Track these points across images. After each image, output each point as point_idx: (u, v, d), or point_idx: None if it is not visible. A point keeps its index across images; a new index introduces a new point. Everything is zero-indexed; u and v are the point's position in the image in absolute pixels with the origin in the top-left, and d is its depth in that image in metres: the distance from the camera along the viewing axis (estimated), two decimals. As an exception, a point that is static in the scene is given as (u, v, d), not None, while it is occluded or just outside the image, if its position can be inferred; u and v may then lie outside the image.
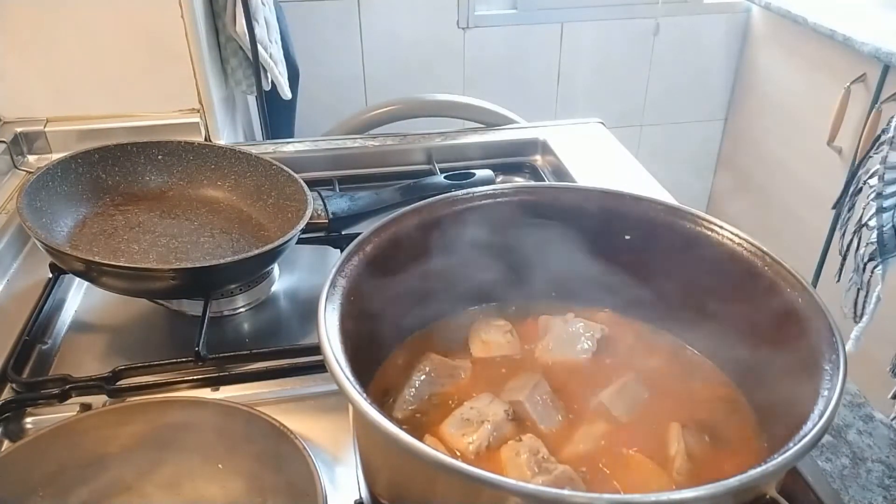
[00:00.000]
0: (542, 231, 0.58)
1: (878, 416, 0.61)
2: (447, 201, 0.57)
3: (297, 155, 1.06)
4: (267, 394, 0.66)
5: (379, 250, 0.52)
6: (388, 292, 0.53)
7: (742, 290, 0.52)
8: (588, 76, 2.34)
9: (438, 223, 0.56)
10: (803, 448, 0.37)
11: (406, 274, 0.54)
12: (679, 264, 0.56)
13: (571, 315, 0.57)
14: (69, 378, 0.64)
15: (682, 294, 0.56)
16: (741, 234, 0.54)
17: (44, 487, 0.52)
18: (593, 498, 0.36)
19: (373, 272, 0.51)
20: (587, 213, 0.58)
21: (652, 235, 0.57)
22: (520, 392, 0.51)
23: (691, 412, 0.52)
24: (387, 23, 2.14)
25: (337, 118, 1.41)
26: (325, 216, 0.82)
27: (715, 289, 0.54)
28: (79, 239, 0.76)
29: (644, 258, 0.57)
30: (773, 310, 0.49)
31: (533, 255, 0.59)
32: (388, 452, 0.43)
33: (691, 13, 2.31)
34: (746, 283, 0.52)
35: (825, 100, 1.90)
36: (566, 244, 0.57)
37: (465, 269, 0.57)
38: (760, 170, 2.32)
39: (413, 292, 0.56)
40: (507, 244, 0.58)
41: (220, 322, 0.76)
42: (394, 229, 0.54)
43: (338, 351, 0.42)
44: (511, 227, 0.58)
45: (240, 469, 0.55)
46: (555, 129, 1.14)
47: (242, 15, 1.21)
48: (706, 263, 0.54)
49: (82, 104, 1.08)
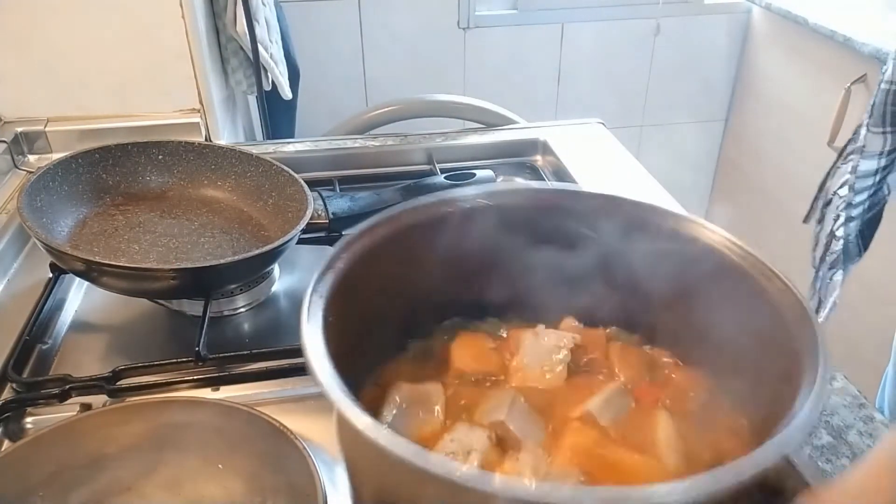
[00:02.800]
0: (494, 238, 0.56)
1: (879, 418, 0.61)
2: (416, 209, 0.54)
3: (297, 155, 1.06)
4: (267, 394, 0.66)
5: (351, 264, 0.50)
6: (367, 304, 0.51)
7: (714, 283, 0.51)
8: (588, 76, 2.34)
9: (413, 231, 0.54)
10: (798, 427, 0.37)
11: (382, 286, 0.52)
12: (645, 261, 0.55)
13: (542, 327, 0.56)
14: (69, 378, 0.64)
15: (655, 294, 0.55)
16: (692, 217, 0.53)
17: (44, 487, 0.52)
18: (580, 494, 0.35)
19: (345, 290, 0.49)
20: (531, 214, 0.57)
21: (601, 231, 0.55)
22: (499, 412, 0.49)
23: (678, 409, 0.51)
24: (387, 23, 2.14)
25: (337, 118, 1.41)
26: (326, 216, 0.82)
27: (689, 285, 0.53)
28: (79, 239, 0.76)
29: (609, 260, 0.56)
30: (744, 300, 0.49)
31: (494, 264, 0.57)
32: (372, 457, 0.41)
33: (692, 14, 2.31)
34: (718, 275, 0.51)
35: (826, 100, 1.89)
36: (523, 250, 0.56)
37: (432, 281, 0.56)
38: (760, 170, 2.32)
39: (389, 306, 0.54)
40: (465, 254, 0.56)
41: (221, 322, 0.76)
42: (363, 243, 0.51)
43: (321, 354, 0.41)
44: (467, 236, 0.55)
45: (240, 469, 0.55)
46: (555, 129, 1.14)
47: (243, 15, 1.21)
48: (674, 258, 0.53)
49: (83, 104, 1.08)
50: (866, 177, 1.05)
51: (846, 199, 1.07)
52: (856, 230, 1.09)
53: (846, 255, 1.10)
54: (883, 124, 1.00)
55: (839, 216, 1.08)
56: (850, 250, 1.10)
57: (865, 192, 1.06)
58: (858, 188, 1.05)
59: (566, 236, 0.56)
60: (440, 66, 2.24)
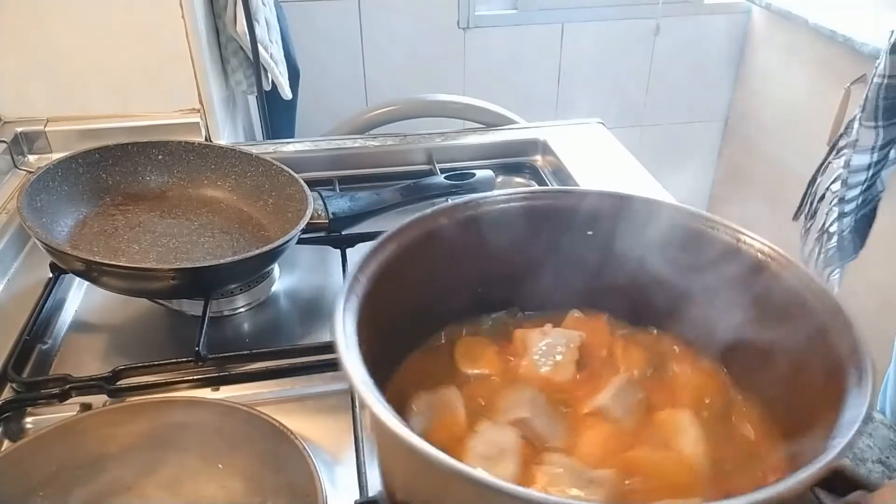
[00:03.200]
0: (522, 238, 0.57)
1: (879, 417, 0.61)
2: (470, 205, 0.56)
3: (297, 155, 1.06)
4: (267, 394, 0.66)
5: (394, 256, 0.51)
6: (401, 299, 0.52)
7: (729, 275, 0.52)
8: (588, 76, 2.34)
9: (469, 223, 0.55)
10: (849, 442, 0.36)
11: (414, 281, 0.53)
12: (644, 253, 0.56)
13: (549, 326, 0.57)
14: (69, 378, 0.64)
15: (662, 288, 0.56)
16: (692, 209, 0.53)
17: (44, 487, 0.52)
18: None
19: (386, 279, 0.50)
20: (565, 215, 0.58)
21: (602, 228, 0.57)
22: (520, 409, 0.50)
23: (690, 401, 0.52)
24: (387, 23, 2.14)
25: (337, 118, 1.41)
26: (326, 216, 0.82)
27: (707, 279, 0.54)
28: (79, 239, 0.76)
29: (604, 253, 0.57)
30: (769, 295, 0.49)
31: (522, 263, 0.58)
32: (406, 460, 0.42)
33: (692, 14, 2.31)
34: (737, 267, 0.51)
35: (825, 100, 1.89)
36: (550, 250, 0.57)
37: (456, 281, 0.57)
38: (760, 170, 2.32)
39: (421, 299, 0.55)
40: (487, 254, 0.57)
41: (221, 322, 0.76)
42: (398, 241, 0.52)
43: (355, 356, 0.41)
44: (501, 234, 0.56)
45: (240, 469, 0.55)
46: (555, 129, 1.14)
47: (243, 15, 1.21)
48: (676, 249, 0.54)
49: (83, 104, 1.08)
50: (859, 171, 1.05)
51: (838, 195, 1.07)
52: (850, 226, 1.09)
53: (841, 253, 1.10)
54: (875, 118, 1.00)
55: (831, 211, 1.08)
56: (844, 247, 1.10)
57: (858, 188, 1.06)
58: (851, 183, 1.05)
59: (605, 239, 0.57)
60: (440, 66, 2.24)
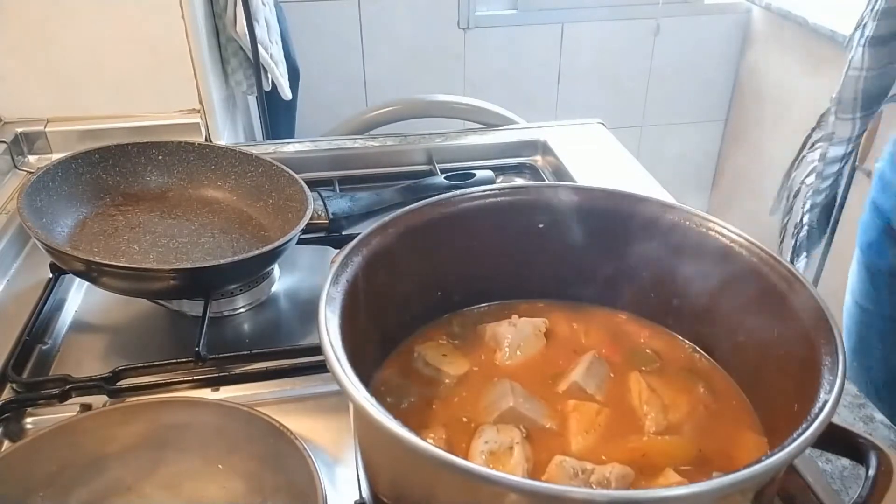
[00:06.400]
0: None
1: (879, 417, 0.61)
2: (442, 202, 0.58)
3: (297, 155, 1.06)
4: (267, 394, 0.66)
5: (376, 252, 0.53)
6: (385, 294, 0.53)
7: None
8: (588, 76, 2.34)
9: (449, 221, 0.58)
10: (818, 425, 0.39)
11: (401, 277, 0.55)
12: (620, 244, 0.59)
13: (515, 317, 0.58)
14: (69, 378, 0.64)
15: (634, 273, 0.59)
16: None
17: (44, 487, 0.52)
18: (593, 494, 0.36)
19: (371, 273, 0.51)
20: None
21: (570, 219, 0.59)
22: (505, 400, 0.51)
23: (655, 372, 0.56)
24: (387, 23, 2.14)
25: (337, 118, 1.41)
26: (326, 216, 0.82)
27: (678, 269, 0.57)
28: (79, 239, 0.76)
29: (567, 242, 0.60)
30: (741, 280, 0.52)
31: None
32: (389, 450, 0.43)
33: (692, 14, 2.31)
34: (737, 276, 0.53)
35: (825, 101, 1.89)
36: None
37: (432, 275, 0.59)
38: (760, 170, 2.32)
39: (406, 295, 0.56)
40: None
41: (221, 322, 0.76)
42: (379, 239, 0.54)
43: (338, 348, 0.42)
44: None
45: (240, 469, 0.55)
46: (555, 129, 1.14)
47: (243, 15, 1.21)
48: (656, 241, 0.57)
49: (83, 104, 1.08)
50: (834, 163, 1.05)
51: (812, 187, 1.08)
52: (817, 216, 1.10)
53: (809, 241, 1.12)
54: (853, 110, 1.00)
55: (805, 203, 1.09)
56: (812, 235, 1.11)
57: (831, 178, 1.07)
58: (826, 174, 1.06)
59: (611, 234, 0.60)
60: (440, 66, 2.24)
